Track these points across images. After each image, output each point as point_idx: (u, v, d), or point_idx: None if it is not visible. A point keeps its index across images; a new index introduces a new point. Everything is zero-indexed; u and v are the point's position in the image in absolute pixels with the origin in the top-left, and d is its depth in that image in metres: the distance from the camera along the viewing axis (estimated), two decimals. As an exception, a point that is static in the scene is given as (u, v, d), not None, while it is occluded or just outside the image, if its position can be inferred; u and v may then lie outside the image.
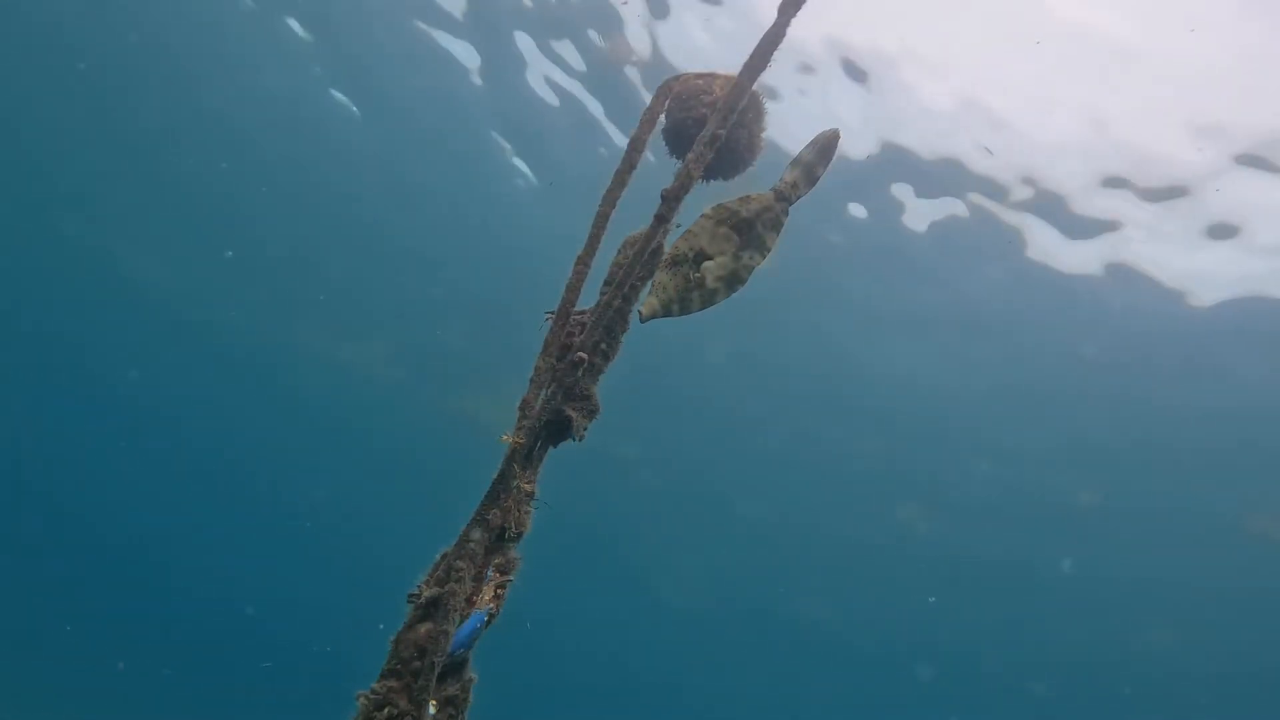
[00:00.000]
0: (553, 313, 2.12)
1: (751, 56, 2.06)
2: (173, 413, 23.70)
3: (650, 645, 28.75)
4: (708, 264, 2.04)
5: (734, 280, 2.06)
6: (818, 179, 2.11)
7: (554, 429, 2.12)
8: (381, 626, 2.27)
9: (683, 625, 26.86)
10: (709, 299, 2.05)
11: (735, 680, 28.54)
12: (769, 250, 2.07)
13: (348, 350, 20.11)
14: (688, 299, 2.04)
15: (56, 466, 26.24)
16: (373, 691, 2.02)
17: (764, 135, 2.25)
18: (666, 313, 2.04)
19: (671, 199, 2.08)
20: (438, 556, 2.10)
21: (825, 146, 2.11)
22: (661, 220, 2.09)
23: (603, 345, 2.14)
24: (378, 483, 24.17)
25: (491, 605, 2.10)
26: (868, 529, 20.52)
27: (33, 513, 27.28)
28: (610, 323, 2.14)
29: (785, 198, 2.08)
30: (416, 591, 2.08)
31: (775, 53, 2.03)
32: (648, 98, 2.26)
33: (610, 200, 2.13)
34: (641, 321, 2.07)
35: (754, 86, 2.11)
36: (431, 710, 2.04)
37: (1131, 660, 21.34)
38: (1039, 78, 10.49)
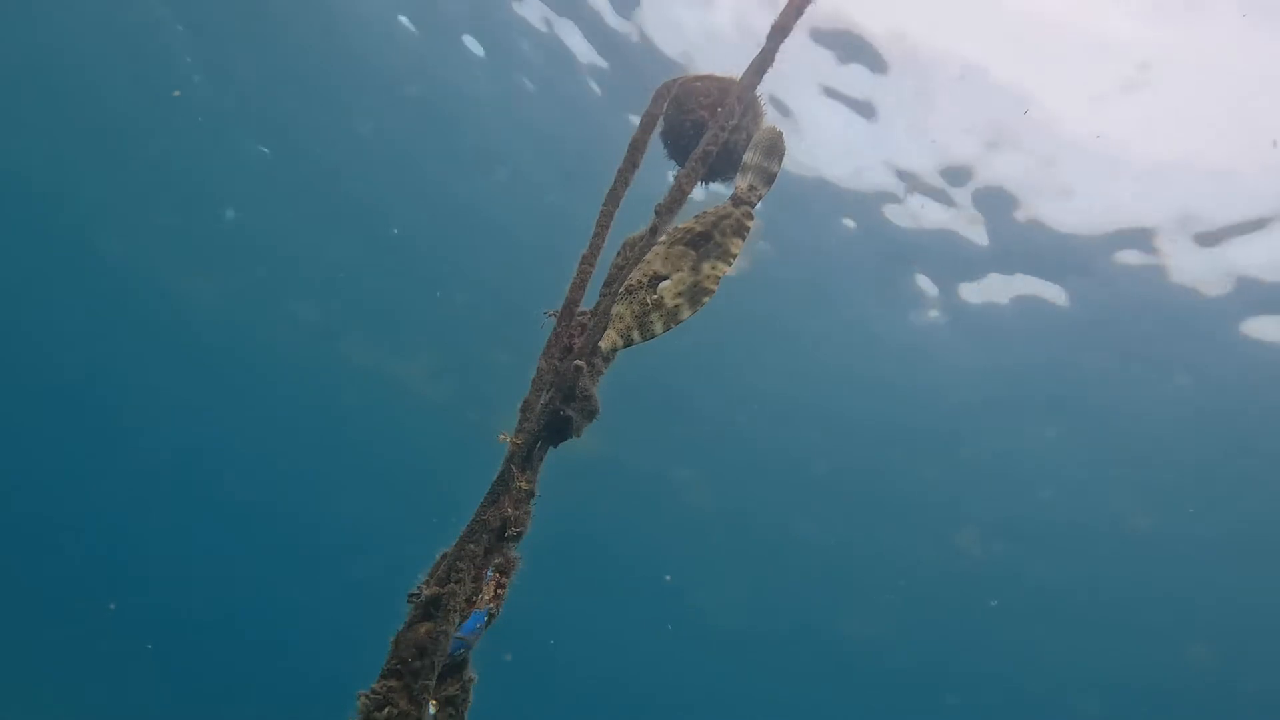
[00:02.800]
0: (554, 312, 2.13)
1: (743, 78, 2.13)
2: (194, 425, 24.21)
3: (697, 666, 28.56)
4: (664, 283, 2.04)
5: (697, 292, 2.05)
6: (774, 176, 2.12)
7: (554, 429, 2.11)
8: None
9: (730, 646, 26.64)
10: (672, 317, 2.04)
11: (781, 702, 28.21)
12: (734, 255, 2.07)
13: (392, 366, 20.27)
14: (646, 322, 2.04)
15: (103, 484, 26.89)
16: (373, 691, 2.03)
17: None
18: (627, 341, 2.05)
19: (665, 212, 2.10)
20: (438, 556, 2.11)
21: (771, 144, 2.12)
22: (656, 234, 2.12)
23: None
24: (417, 501, 24.32)
25: (491, 605, 2.09)
26: (924, 553, 20.19)
27: (80, 528, 28.01)
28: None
29: (744, 201, 2.09)
30: (416, 591, 2.08)
31: (765, 75, 2.15)
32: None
33: (613, 199, 2.15)
34: (604, 355, 2.07)
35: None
36: (431, 710, 2.04)
37: (1181, 681, 20.73)
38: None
